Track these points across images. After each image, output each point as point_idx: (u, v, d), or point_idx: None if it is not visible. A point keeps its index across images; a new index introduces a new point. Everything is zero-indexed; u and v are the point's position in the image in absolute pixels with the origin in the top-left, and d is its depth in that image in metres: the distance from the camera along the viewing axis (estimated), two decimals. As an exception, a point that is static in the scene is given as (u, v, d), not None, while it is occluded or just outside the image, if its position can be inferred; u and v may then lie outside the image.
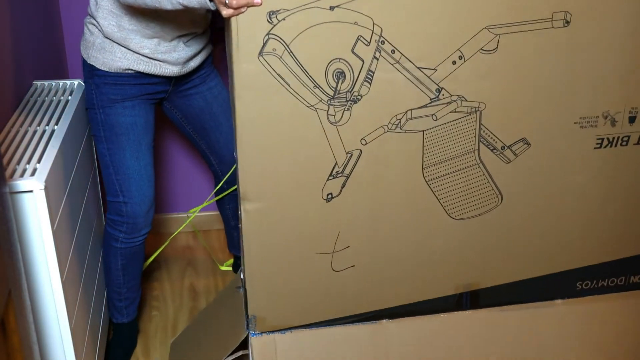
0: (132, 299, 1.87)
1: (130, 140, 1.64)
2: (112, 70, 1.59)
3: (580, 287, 1.54)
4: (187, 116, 1.80)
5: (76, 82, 1.81)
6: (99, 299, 1.78)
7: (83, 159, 1.72)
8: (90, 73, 1.62)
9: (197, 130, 1.83)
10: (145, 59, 1.58)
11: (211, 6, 1.23)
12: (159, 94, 1.69)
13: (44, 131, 1.51)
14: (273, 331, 1.43)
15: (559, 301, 1.54)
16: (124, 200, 1.67)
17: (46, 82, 1.81)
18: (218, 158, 1.88)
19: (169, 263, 2.35)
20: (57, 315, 1.36)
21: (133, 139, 1.64)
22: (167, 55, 1.59)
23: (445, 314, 1.49)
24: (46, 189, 1.27)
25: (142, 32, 1.55)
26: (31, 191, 1.26)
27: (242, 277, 1.44)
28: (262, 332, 1.42)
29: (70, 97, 1.71)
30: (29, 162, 1.35)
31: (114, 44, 1.57)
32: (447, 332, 1.50)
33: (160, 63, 1.60)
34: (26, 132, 1.50)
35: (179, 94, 1.74)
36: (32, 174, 1.29)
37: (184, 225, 2.17)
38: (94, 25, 1.59)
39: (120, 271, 1.79)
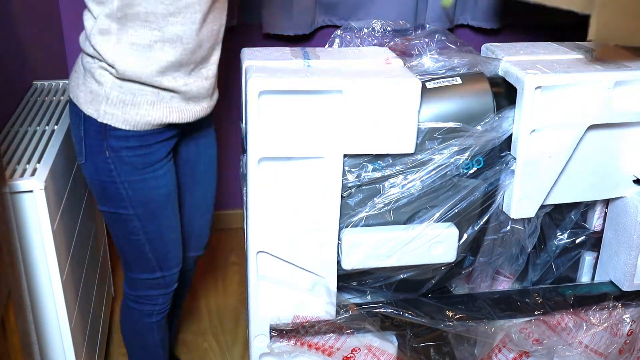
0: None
1: (168, 212, 1.36)
2: (138, 129, 1.24)
3: None
4: (186, 164, 1.46)
5: (76, 82, 1.80)
6: (99, 299, 1.78)
7: (83, 159, 1.72)
8: (102, 134, 1.25)
9: (186, 184, 1.49)
10: (176, 105, 1.25)
11: None
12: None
13: (44, 131, 1.51)
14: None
15: None
16: (162, 274, 1.43)
17: (46, 82, 1.81)
18: (189, 223, 1.54)
19: (169, 263, 2.35)
20: (57, 315, 1.36)
21: (171, 209, 1.37)
22: (200, 84, 1.27)
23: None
24: (46, 189, 1.27)
25: (180, 50, 1.20)
26: (31, 191, 1.26)
27: None
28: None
29: (70, 97, 1.71)
30: (29, 162, 1.35)
31: (137, 90, 1.22)
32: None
33: (191, 104, 1.28)
34: (26, 132, 1.51)
35: (188, 140, 1.43)
36: (32, 174, 1.29)
37: None
38: (104, 69, 1.21)
39: (160, 343, 1.55)
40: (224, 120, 2.40)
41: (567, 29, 2.51)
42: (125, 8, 1.14)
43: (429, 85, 1.38)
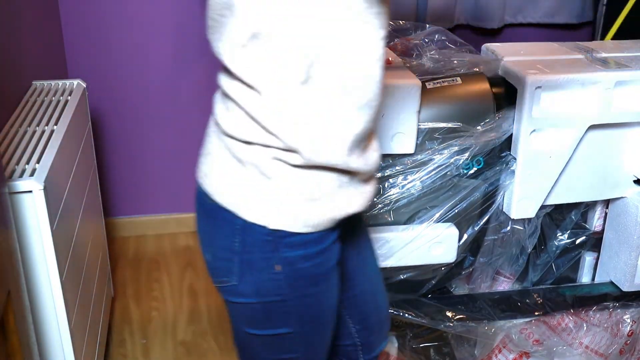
0: None
1: (332, 321, 1.04)
2: (319, 229, 0.91)
3: None
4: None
5: (75, 82, 1.80)
6: (99, 299, 1.78)
7: (83, 159, 1.71)
8: (273, 244, 0.91)
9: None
10: (353, 189, 0.93)
11: None
12: None
13: (43, 131, 1.51)
14: None
15: None
16: None
17: (46, 82, 1.81)
18: (360, 319, 1.16)
19: (169, 263, 2.35)
20: (57, 315, 1.36)
21: (334, 321, 1.05)
22: (376, 157, 0.96)
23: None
24: (45, 189, 1.27)
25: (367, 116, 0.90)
26: (30, 191, 1.25)
27: None
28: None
29: (70, 97, 1.71)
30: (28, 162, 1.35)
31: (320, 179, 0.89)
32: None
33: (366, 185, 0.95)
34: (26, 132, 1.50)
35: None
36: (32, 174, 1.29)
37: None
38: (278, 158, 0.87)
39: None
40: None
41: (567, 28, 2.51)
42: (313, 66, 0.83)
43: (429, 85, 1.38)
